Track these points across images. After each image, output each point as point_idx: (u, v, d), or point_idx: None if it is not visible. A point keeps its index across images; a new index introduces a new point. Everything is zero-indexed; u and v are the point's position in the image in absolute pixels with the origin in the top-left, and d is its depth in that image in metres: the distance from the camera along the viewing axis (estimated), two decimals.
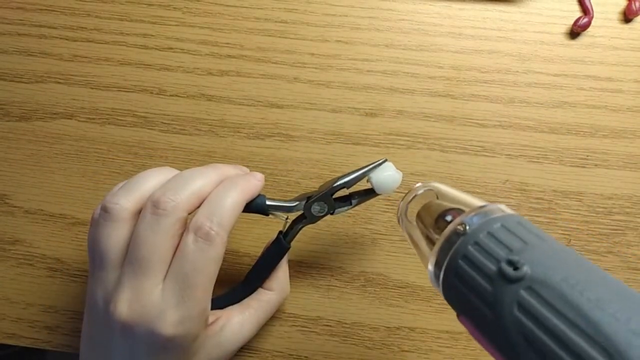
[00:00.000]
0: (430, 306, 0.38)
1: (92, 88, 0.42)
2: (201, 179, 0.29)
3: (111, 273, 0.27)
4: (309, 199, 0.32)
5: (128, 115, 0.42)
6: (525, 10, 0.43)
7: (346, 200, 0.33)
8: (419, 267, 0.39)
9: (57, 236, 0.40)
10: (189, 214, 0.28)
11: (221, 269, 0.39)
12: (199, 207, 0.28)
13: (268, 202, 0.32)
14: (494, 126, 0.41)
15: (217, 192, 0.29)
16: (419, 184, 0.29)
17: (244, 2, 0.44)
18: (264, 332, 0.38)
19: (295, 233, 0.33)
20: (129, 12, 0.44)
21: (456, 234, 0.22)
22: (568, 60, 0.42)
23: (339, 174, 0.42)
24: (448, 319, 0.38)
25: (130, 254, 0.27)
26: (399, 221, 0.30)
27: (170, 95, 0.42)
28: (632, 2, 0.42)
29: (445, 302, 0.39)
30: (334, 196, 0.33)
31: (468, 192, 0.40)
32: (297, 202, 0.32)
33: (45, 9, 0.44)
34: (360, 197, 0.33)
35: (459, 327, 0.38)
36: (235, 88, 0.42)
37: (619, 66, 0.42)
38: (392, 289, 0.39)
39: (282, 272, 0.34)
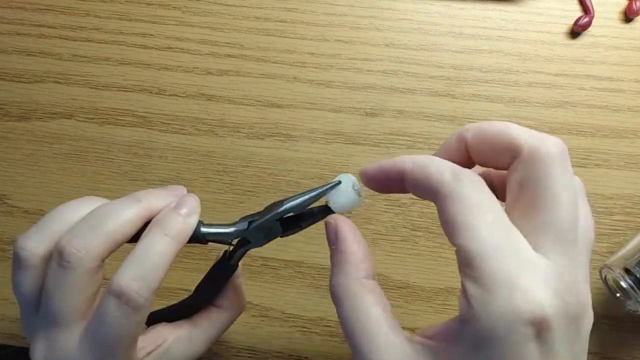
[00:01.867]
0: (430, 307, 0.38)
1: (91, 88, 0.42)
2: (117, 218, 0.25)
3: (29, 317, 0.26)
4: (250, 223, 0.28)
5: (127, 115, 0.42)
6: (526, 9, 0.43)
7: (297, 220, 0.28)
8: (419, 268, 0.39)
9: None
10: (104, 259, 0.25)
11: None
12: (116, 248, 0.26)
13: (204, 230, 0.27)
14: None
15: (143, 245, 0.25)
16: None
17: (243, 1, 0.44)
18: (264, 333, 0.38)
19: (241, 255, 0.29)
20: (128, 12, 0.44)
21: None
22: (569, 59, 0.42)
23: (339, 174, 0.42)
24: (448, 319, 0.38)
25: (42, 303, 0.25)
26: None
27: (170, 95, 0.42)
28: (633, 1, 0.42)
29: (445, 302, 0.39)
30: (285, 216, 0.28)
31: None
32: (235, 229, 0.28)
33: (45, 9, 0.44)
34: (315, 216, 0.28)
35: None
36: (235, 88, 0.42)
37: (620, 66, 0.42)
38: (392, 289, 0.39)
39: (233, 290, 0.31)
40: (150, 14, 0.43)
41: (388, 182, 0.24)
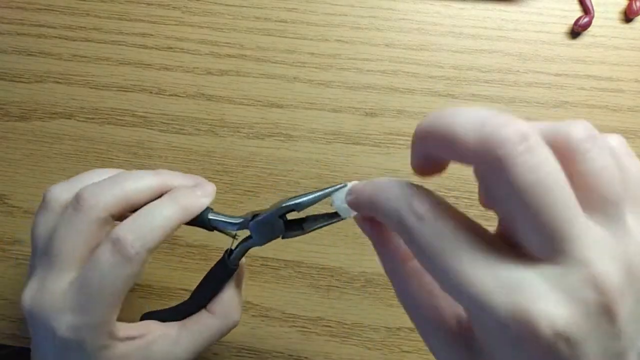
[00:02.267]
0: None
1: (91, 88, 0.42)
2: (135, 182, 0.27)
3: (34, 259, 0.28)
4: (255, 217, 0.28)
5: (127, 115, 0.42)
6: (526, 9, 0.43)
7: (300, 223, 0.28)
8: None
9: None
10: (115, 217, 0.27)
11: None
12: (131, 212, 0.27)
13: (210, 216, 0.28)
14: None
15: (151, 206, 0.27)
16: None
17: (243, 1, 0.44)
18: (264, 333, 0.38)
19: (241, 253, 0.29)
20: (128, 12, 0.44)
21: None
22: (569, 59, 0.42)
23: (339, 174, 0.42)
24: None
25: (47, 245, 0.26)
26: None
27: (170, 95, 0.42)
28: (633, 1, 0.42)
29: None
30: (289, 218, 0.28)
31: (471, 192, 0.40)
32: (241, 220, 0.28)
33: (45, 9, 0.44)
34: (319, 221, 0.28)
35: None
36: (235, 87, 0.42)
37: (620, 66, 0.42)
38: (392, 289, 0.39)
39: (227, 295, 0.30)
40: (150, 14, 0.43)
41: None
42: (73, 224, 0.26)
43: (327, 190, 0.27)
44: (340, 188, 0.26)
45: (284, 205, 0.27)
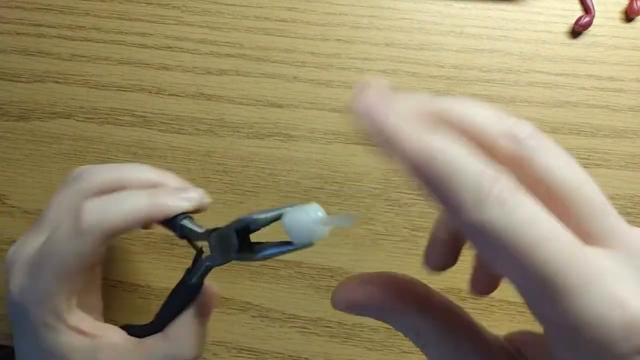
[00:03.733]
0: None
1: (90, 87, 0.42)
2: (130, 171, 0.30)
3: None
4: (215, 230, 0.27)
5: (127, 114, 0.41)
6: (526, 9, 0.43)
7: (253, 247, 0.26)
8: (420, 268, 0.39)
9: None
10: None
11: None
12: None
13: (184, 222, 0.27)
14: None
15: (126, 193, 0.27)
16: None
17: (243, 0, 0.43)
18: (263, 333, 0.38)
19: (200, 272, 0.28)
20: (127, 11, 0.43)
21: None
22: (569, 59, 0.42)
23: (339, 174, 0.41)
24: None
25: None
26: None
27: (169, 95, 0.42)
28: (634, 1, 0.42)
29: None
30: (252, 240, 0.26)
31: None
32: (204, 230, 0.27)
33: (44, 8, 0.44)
34: (273, 250, 0.25)
35: None
36: (235, 87, 0.42)
37: (621, 65, 0.42)
38: None
39: (184, 321, 0.28)
40: (150, 14, 0.43)
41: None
42: (60, 191, 0.29)
43: (288, 206, 0.24)
44: (295, 209, 0.24)
45: (241, 218, 0.25)
